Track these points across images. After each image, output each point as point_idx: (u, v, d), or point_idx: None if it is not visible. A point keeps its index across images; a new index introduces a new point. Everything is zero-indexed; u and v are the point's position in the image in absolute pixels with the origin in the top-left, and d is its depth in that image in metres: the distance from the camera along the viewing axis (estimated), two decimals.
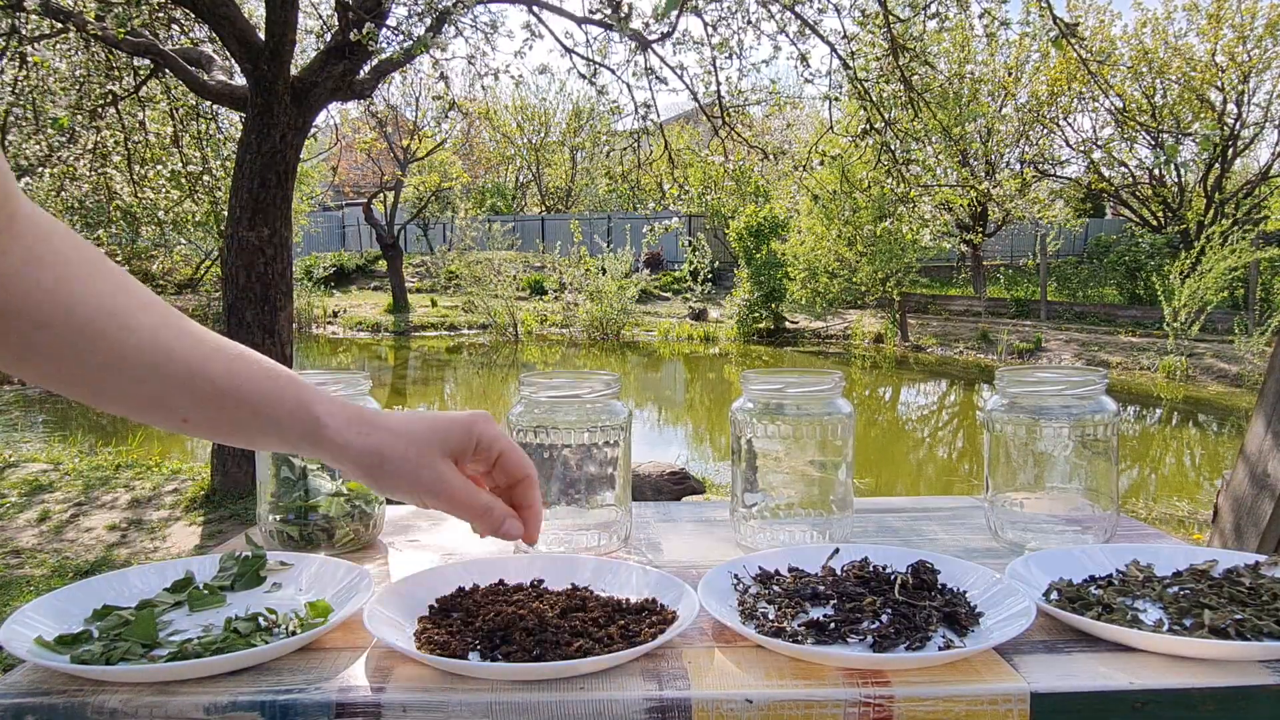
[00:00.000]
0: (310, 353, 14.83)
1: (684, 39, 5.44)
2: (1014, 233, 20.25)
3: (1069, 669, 0.67)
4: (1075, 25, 4.49)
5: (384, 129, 15.55)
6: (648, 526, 1.10)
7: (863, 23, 5.26)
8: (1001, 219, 18.14)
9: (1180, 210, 17.09)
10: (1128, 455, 7.33)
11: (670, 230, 6.89)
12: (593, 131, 21.80)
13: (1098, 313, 15.14)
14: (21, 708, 0.63)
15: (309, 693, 0.64)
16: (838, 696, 0.63)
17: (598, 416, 0.98)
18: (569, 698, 0.63)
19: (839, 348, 14.96)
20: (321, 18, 6.88)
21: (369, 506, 1.02)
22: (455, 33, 4.93)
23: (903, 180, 5.93)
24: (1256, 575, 0.80)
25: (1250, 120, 16.27)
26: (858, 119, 5.83)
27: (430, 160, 18.49)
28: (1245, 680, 0.64)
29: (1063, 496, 0.98)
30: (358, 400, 1.01)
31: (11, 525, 4.57)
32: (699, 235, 18.35)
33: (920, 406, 10.95)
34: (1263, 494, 2.42)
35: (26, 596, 3.56)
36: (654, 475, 4.98)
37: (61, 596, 0.78)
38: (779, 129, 16.43)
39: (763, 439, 0.98)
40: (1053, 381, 0.97)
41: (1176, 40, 15.99)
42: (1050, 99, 16.82)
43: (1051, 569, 0.84)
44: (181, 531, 4.50)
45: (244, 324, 4.74)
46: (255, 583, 0.86)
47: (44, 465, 5.71)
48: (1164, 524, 5.11)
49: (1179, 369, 10.93)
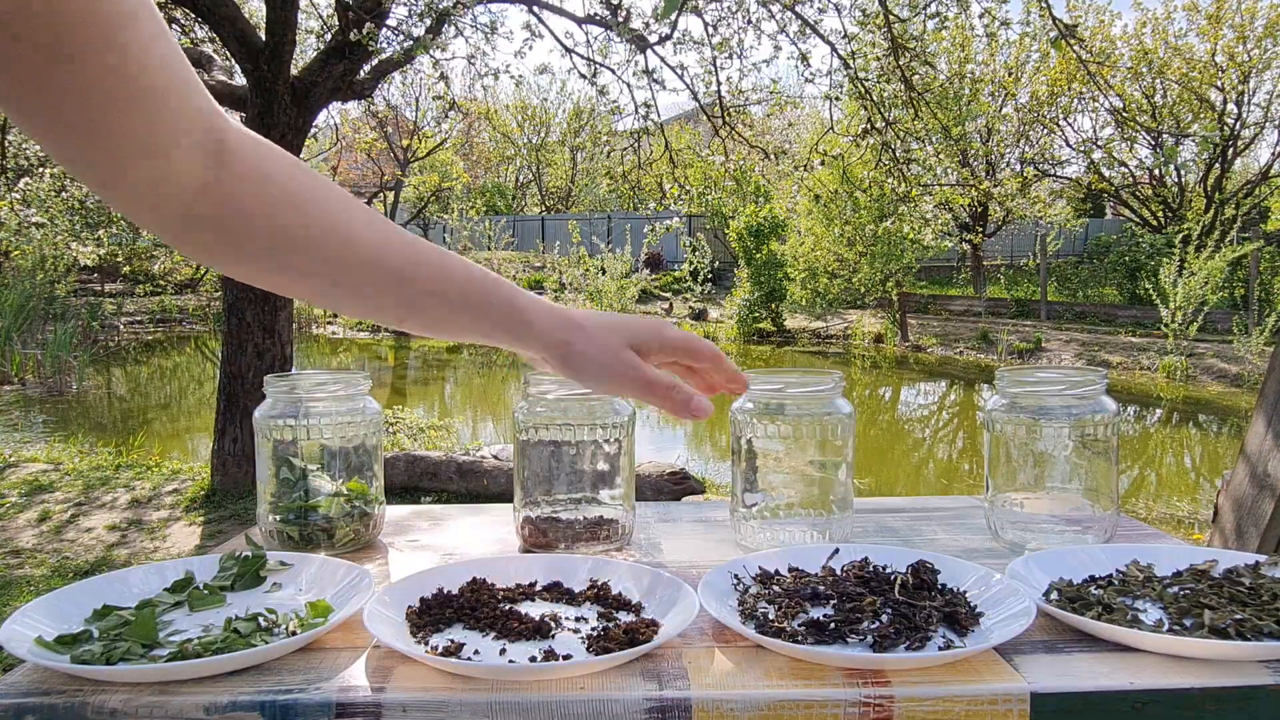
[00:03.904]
0: (310, 353, 14.82)
1: (684, 39, 5.44)
2: (1014, 233, 20.25)
3: (1069, 669, 0.67)
4: (1074, 26, 4.49)
5: (384, 129, 15.56)
6: (648, 526, 1.10)
7: (863, 22, 5.26)
8: (1002, 219, 18.15)
9: (1180, 210, 17.09)
10: (1128, 455, 7.33)
11: (670, 230, 6.88)
12: (593, 132, 21.78)
13: (1098, 313, 15.13)
14: (21, 708, 0.63)
15: (309, 693, 0.64)
16: (838, 696, 0.63)
17: (601, 415, 0.98)
18: (569, 698, 0.63)
19: (839, 348, 14.95)
20: (321, 18, 6.88)
21: (369, 506, 1.02)
22: (455, 33, 4.93)
23: (903, 180, 5.93)
24: (1257, 575, 0.80)
25: (1250, 120, 16.27)
26: (858, 119, 5.83)
27: (430, 160, 18.50)
28: (1245, 680, 0.64)
29: (1063, 496, 0.98)
30: (356, 400, 1.02)
31: (11, 525, 4.57)
32: (699, 235, 18.34)
33: (920, 406, 10.95)
34: (1263, 494, 2.42)
35: (26, 596, 3.56)
36: (654, 475, 4.98)
37: (61, 596, 0.78)
38: (779, 129, 16.44)
39: (763, 439, 0.98)
40: (1053, 381, 0.97)
41: (1176, 40, 15.99)
42: (1050, 99, 16.82)
43: (1051, 569, 0.84)
44: (181, 531, 4.50)
45: (244, 324, 4.74)
46: (255, 583, 0.86)
47: (44, 465, 5.71)
48: (1164, 524, 5.11)
49: (1179, 369, 10.93)
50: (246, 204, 0.61)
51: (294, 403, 1.00)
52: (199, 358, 13.70)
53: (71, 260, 11.48)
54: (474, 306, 0.70)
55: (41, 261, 12.06)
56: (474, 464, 5.01)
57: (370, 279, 0.66)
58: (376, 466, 1.04)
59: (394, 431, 7.18)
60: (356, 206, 0.66)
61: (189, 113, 0.57)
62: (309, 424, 0.99)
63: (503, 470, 4.94)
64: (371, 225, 0.66)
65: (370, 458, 1.03)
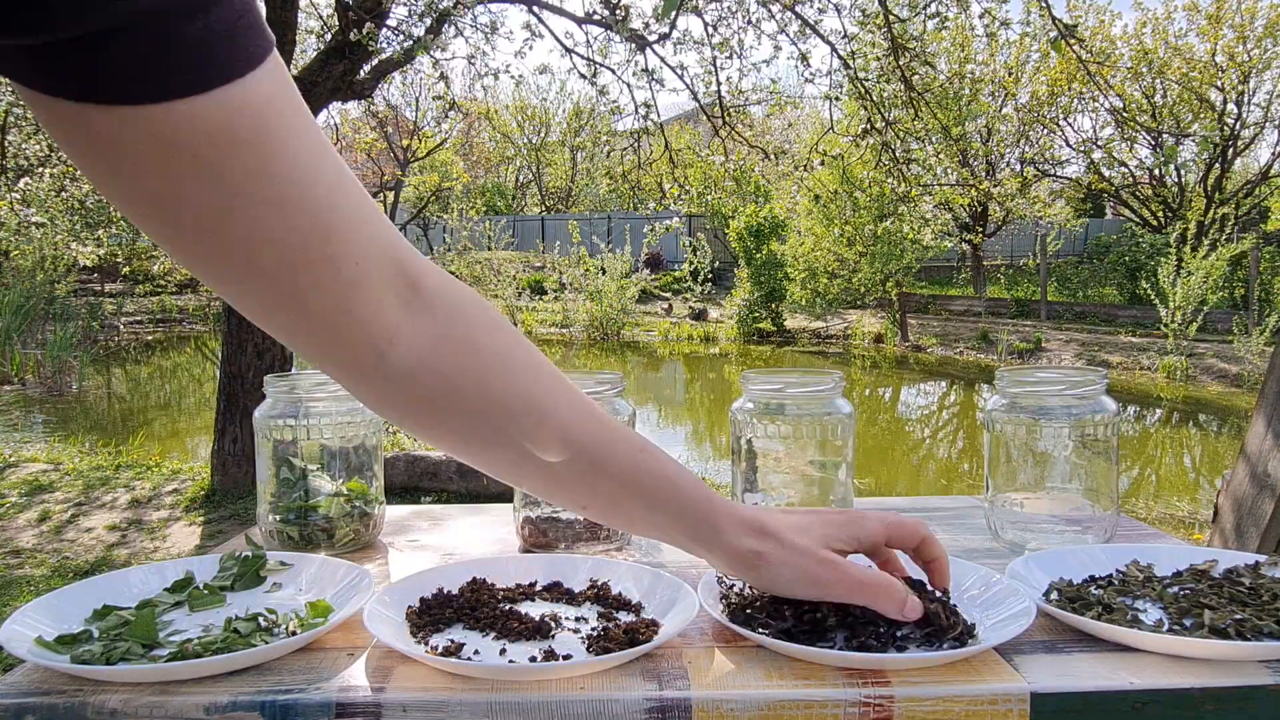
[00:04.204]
0: None
1: (684, 39, 5.44)
2: (1014, 233, 20.25)
3: (1069, 669, 0.67)
4: (1074, 26, 4.49)
5: (384, 129, 15.56)
6: None
7: (863, 22, 5.26)
8: (1002, 219, 18.15)
9: (1180, 210, 17.09)
10: (1128, 455, 7.33)
11: (670, 230, 6.89)
12: (593, 131, 21.79)
13: (1098, 313, 15.14)
14: (21, 708, 0.63)
15: (309, 693, 0.64)
16: (838, 696, 0.63)
17: None
18: (569, 697, 0.63)
19: (839, 348, 14.95)
20: (321, 18, 6.88)
21: (369, 506, 1.02)
22: (455, 33, 4.93)
23: (903, 180, 5.93)
24: (1257, 575, 0.80)
25: (1250, 120, 16.28)
26: (858, 119, 5.83)
27: (430, 160, 18.50)
28: (1245, 680, 0.64)
29: (1063, 496, 0.98)
30: (356, 400, 1.02)
31: (11, 525, 4.57)
32: (699, 235, 18.34)
33: (920, 406, 10.95)
34: (1263, 493, 2.42)
35: (26, 596, 3.56)
36: None
37: (61, 596, 0.78)
38: (779, 129, 16.44)
39: (763, 439, 0.98)
40: (1053, 381, 0.97)
41: (1176, 40, 16.00)
42: (1050, 99, 16.83)
43: (1051, 569, 0.84)
44: (181, 531, 4.50)
45: (244, 324, 4.74)
46: (255, 583, 0.86)
47: (44, 465, 5.71)
48: (1164, 524, 5.11)
49: (1179, 369, 10.93)
50: (445, 361, 0.57)
51: (294, 403, 1.00)
52: (199, 358, 13.70)
53: (71, 260, 11.48)
54: (669, 508, 0.65)
55: (41, 261, 12.06)
56: None
57: (565, 464, 0.62)
58: (376, 466, 1.04)
59: (394, 431, 7.18)
60: (553, 376, 0.62)
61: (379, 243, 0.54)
62: (309, 424, 0.99)
63: None
64: (572, 405, 0.62)
65: (370, 458, 1.03)
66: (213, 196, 0.46)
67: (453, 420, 0.59)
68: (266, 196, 0.47)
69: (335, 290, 0.52)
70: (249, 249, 0.48)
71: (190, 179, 0.45)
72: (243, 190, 0.46)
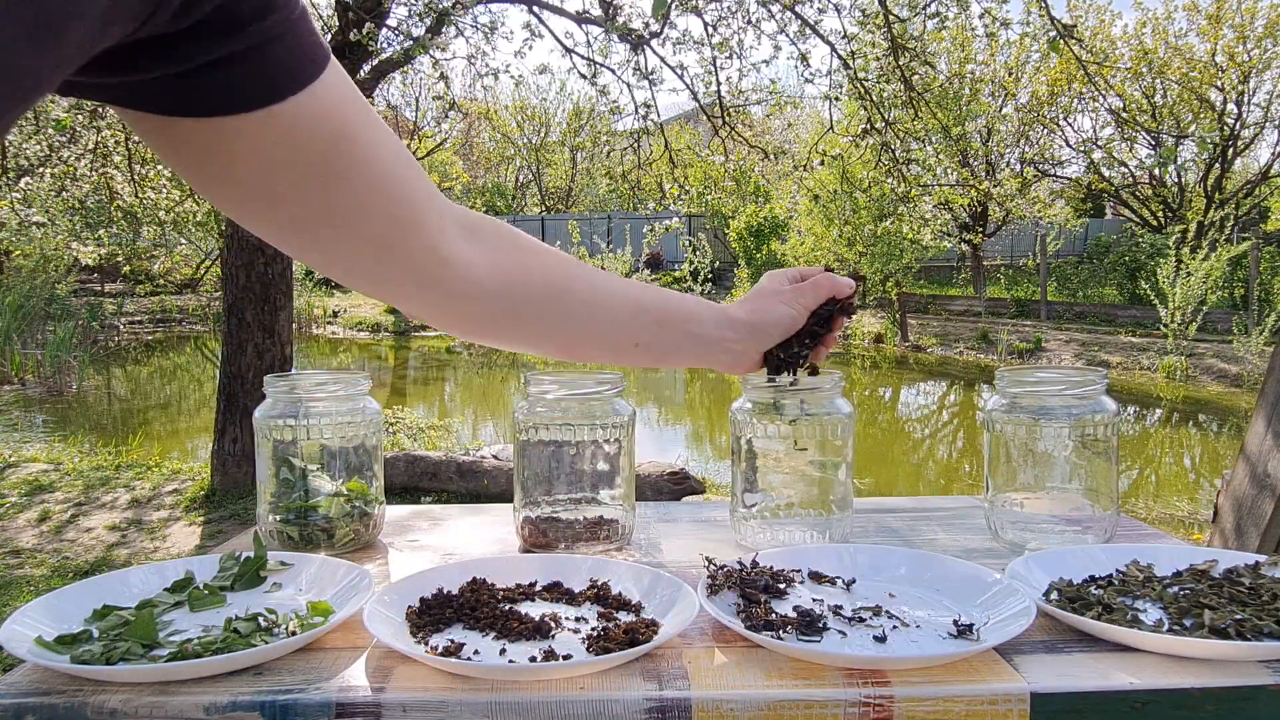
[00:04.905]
0: (310, 353, 14.82)
1: (684, 39, 5.43)
2: (1014, 233, 20.25)
3: (1069, 669, 0.67)
4: (1073, 27, 4.49)
5: None
6: (648, 526, 1.10)
7: (863, 22, 5.26)
8: (1002, 219, 18.14)
9: (1180, 210, 17.09)
10: (1128, 455, 7.33)
11: (670, 230, 6.88)
12: (593, 131, 21.78)
13: (1098, 313, 15.13)
14: (21, 708, 0.63)
15: (309, 693, 0.64)
16: (838, 697, 0.63)
17: (601, 415, 0.98)
18: (569, 697, 0.63)
19: (838, 347, 14.91)
20: (321, 18, 6.87)
21: (369, 506, 1.02)
22: (455, 33, 4.92)
23: (903, 180, 5.93)
24: (1257, 575, 0.80)
25: (1250, 120, 16.27)
26: (858, 119, 5.83)
27: (430, 160, 18.48)
28: (1245, 680, 0.64)
29: (1063, 496, 0.98)
30: (356, 400, 1.02)
31: (11, 525, 4.57)
32: (699, 235, 18.34)
33: (920, 406, 10.95)
34: (1263, 494, 2.42)
35: (26, 596, 3.56)
36: (654, 475, 4.98)
37: (61, 596, 0.78)
38: (779, 129, 16.44)
39: (763, 439, 0.98)
40: (1053, 381, 0.97)
41: (1176, 40, 15.99)
42: (1050, 99, 16.83)
43: (1051, 569, 0.84)
44: (181, 531, 4.50)
45: (244, 324, 4.74)
46: (255, 583, 0.86)
47: (44, 465, 5.71)
48: (1164, 524, 5.11)
49: (1179, 369, 10.92)
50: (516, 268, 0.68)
51: (294, 403, 1.00)
52: (199, 358, 13.70)
53: (72, 260, 11.47)
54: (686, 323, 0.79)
55: (42, 261, 12.06)
56: (474, 464, 5.01)
57: (615, 315, 0.74)
58: (376, 466, 1.04)
59: (394, 431, 7.18)
60: (572, 261, 0.75)
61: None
62: (309, 424, 0.99)
63: (503, 470, 4.93)
64: (595, 272, 0.75)
65: (370, 458, 1.03)
66: (318, 177, 0.53)
67: (530, 313, 0.70)
68: (358, 172, 0.54)
69: (417, 239, 0.61)
70: (349, 221, 0.56)
71: (300, 166, 0.52)
72: (338, 170, 0.53)
